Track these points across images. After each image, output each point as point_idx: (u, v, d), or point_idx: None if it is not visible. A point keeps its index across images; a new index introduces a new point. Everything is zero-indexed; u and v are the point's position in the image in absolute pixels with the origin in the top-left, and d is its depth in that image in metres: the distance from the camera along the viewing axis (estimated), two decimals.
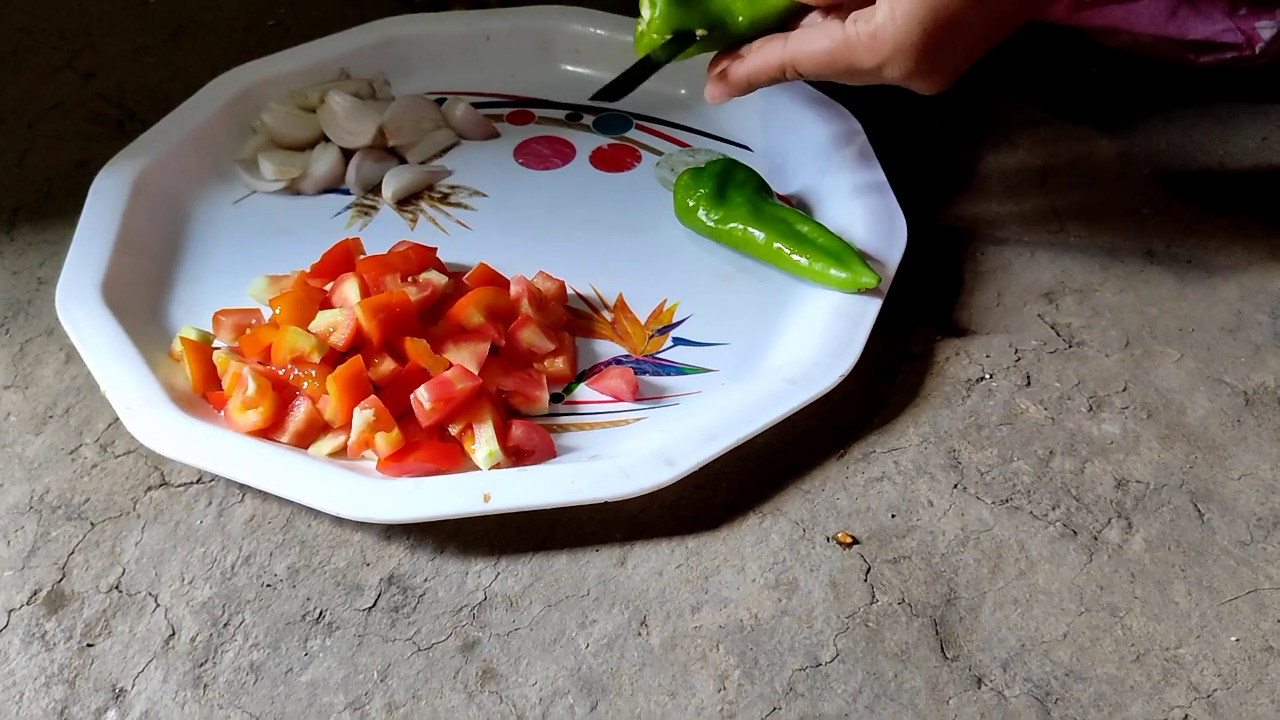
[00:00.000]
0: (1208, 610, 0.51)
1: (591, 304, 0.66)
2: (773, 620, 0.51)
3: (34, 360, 0.63)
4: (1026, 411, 0.60)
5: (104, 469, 0.57)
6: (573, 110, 0.81)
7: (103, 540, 0.54)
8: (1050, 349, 0.64)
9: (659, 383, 0.62)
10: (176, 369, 0.60)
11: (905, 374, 0.62)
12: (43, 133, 0.79)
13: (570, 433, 0.59)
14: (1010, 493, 0.56)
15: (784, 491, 0.56)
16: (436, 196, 0.74)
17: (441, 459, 0.55)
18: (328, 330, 0.59)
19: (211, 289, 0.66)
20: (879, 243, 0.66)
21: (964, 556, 0.54)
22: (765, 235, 0.66)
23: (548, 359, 0.61)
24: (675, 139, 0.79)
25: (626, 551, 0.54)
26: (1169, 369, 0.63)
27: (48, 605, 0.52)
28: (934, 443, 0.59)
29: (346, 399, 0.56)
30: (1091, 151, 0.78)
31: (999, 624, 0.51)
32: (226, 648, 0.50)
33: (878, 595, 0.52)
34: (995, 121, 0.81)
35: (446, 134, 0.78)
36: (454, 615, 0.51)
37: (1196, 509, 0.56)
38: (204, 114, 0.75)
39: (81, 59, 0.86)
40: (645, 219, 0.72)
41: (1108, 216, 0.73)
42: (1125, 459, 0.58)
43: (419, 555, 0.54)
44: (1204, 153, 0.78)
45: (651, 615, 0.51)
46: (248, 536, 0.54)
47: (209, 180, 0.74)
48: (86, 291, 0.62)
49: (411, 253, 0.64)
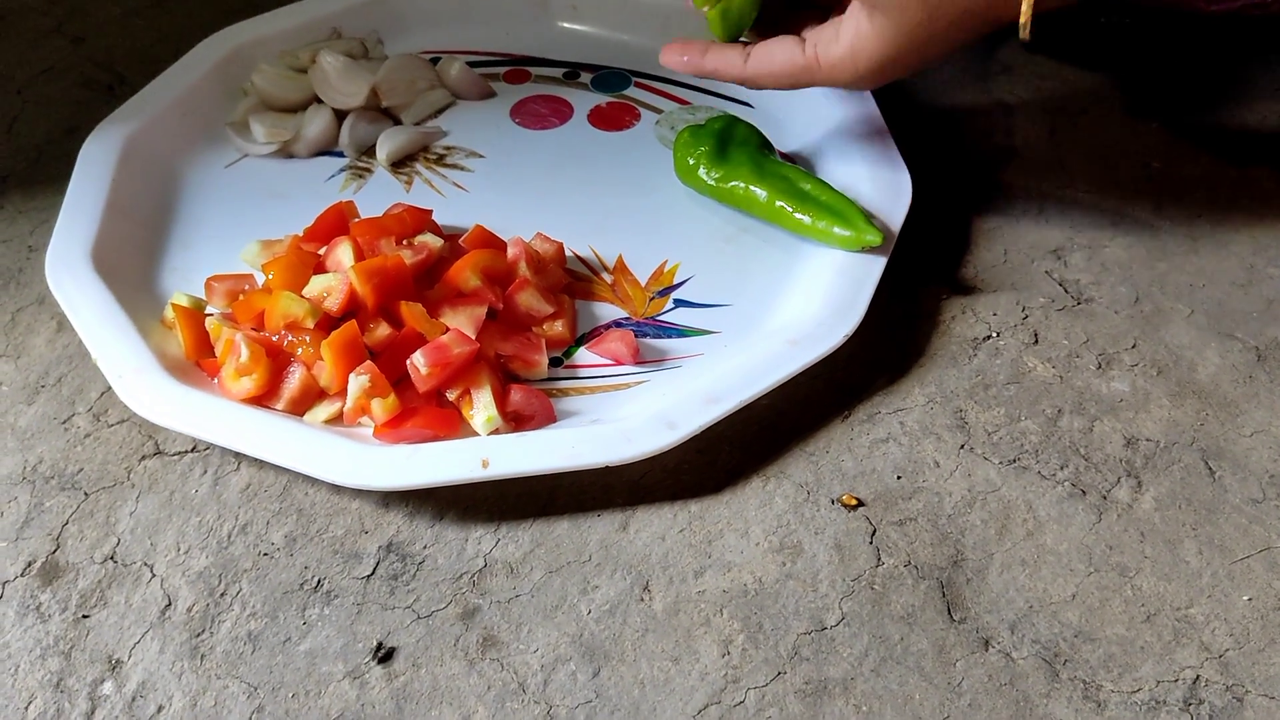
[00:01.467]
0: (1219, 569, 0.51)
1: (591, 266, 0.65)
2: (777, 584, 0.50)
3: (25, 329, 0.62)
4: (1034, 370, 0.59)
5: (97, 438, 0.57)
6: (570, 68, 0.80)
7: (97, 510, 0.54)
8: (1058, 306, 0.62)
9: (660, 345, 0.61)
10: (169, 336, 0.59)
11: (910, 333, 0.61)
12: (32, 99, 0.78)
13: (570, 397, 0.58)
14: (1018, 452, 0.55)
15: (788, 454, 0.56)
16: (432, 158, 0.73)
17: (439, 425, 0.54)
18: (321, 295, 0.58)
19: (203, 255, 0.65)
20: (883, 200, 0.64)
21: (971, 518, 0.53)
22: (767, 194, 0.64)
23: (546, 322, 0.60)
24: (675, 96, 0.77)
25: (628, 516, 0.53)
26: (1179, 325, 0.61)
27: (42, 577, 0.51)
28: (940, 403, 0.58)
29: (341, 365, 0.55)
30: (1100, 104, 0.76)
31: (1006, 585, 0.50)
32: (224, 617, 0.49)
33: (883, 558, 0.51)
34: (1002, 74, 0.79)
35: (441, 94, 0.77)
36: (454, 582, 0.51)
37: (1208, 467, 0.55)
38: (193, 76, 0.74)
39: (70, 24, 0.85)
40: (645, 179, 0.71)
41: (1117, 170, 0.71)
42: (1135, 417, 0.57)
43: (418, 522, 0.53)
44: (1216, 104, 0.76)
45: (654, 580, 0.50)
46: (244, 505, 0.54)
47: (199, 144, 0.72)
48: (76, 259, 0.60)
49: (406, 215, 0.63)
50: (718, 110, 0.74)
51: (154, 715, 0.46)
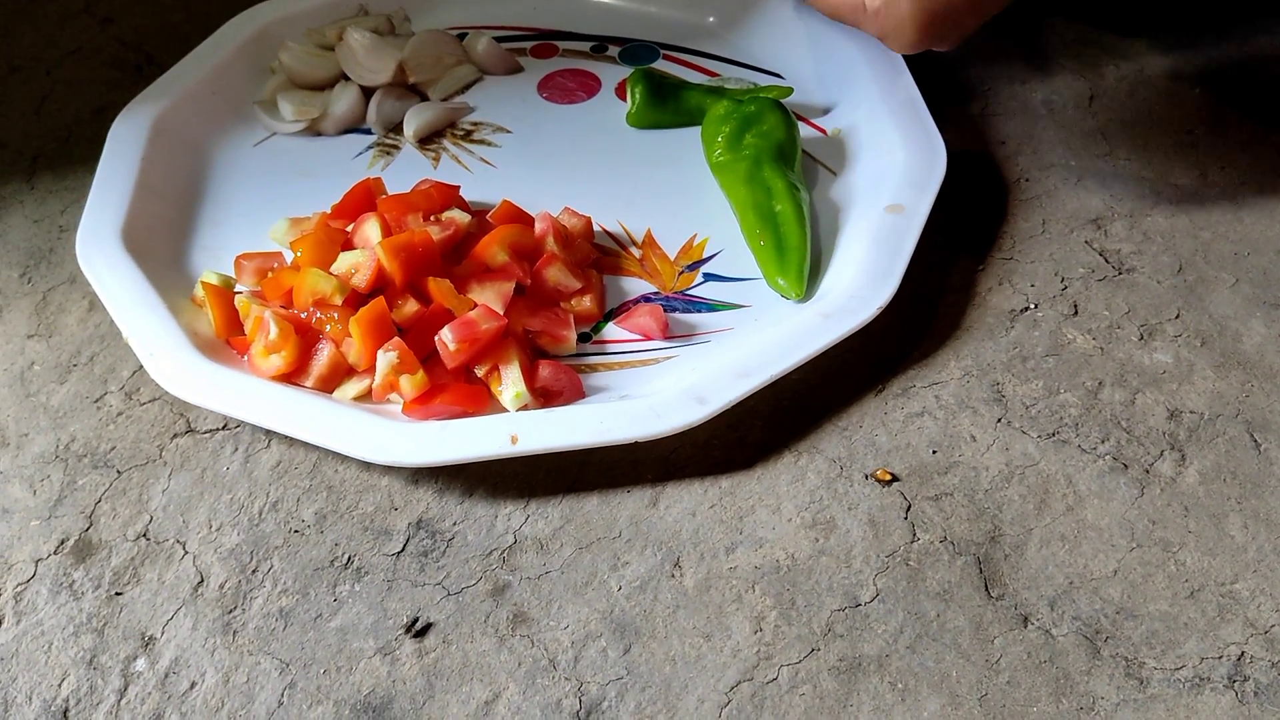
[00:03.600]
0: (1265, 544, 0.49)
1: (619, 240, 0.65)
2: (810, 560, 0.50)
3: (57, 309, 0.62)
4: (1074, 342, 0.58)
5: (129, 417, 0.57)
6: (598, 42, 0.79)
7: (129, 488, 0.54)
8: (1098, 277, 0.61)
9: (689, 320, 0.60)
10: (199, 314, 0.59)
11: (946, 305, 0.60)
12: (61, 79, 0.78)
13: (599, 373, 0.57)
14: (1057, 426, 0.54)
15: (820, 429, 0.55)
16: (459, 134, 0.72)
17: (468, 401, 0.54)
18: (349, 272, 0.57)
19: (233, 233, 0.65)
20: (918, 170, 0.63)
21: (1008, 493, 0.52)
22: (743, 198, 0.63)
23: (575, 298, 0.60)
24: (704, 69, 0.76)
25: (658, 492, 0.53)
26: (1223, 295, 0.60)
27: (75, 554, 0.51)
28: (976, 376, 0.57)
29: (370, 341, 0.55)
30: (1140, 70, 0.74)
31: (1046, 561, 0.49)
32: (255, 594, 0.49)
33: (919, 533, 0.50)
34: (1040, 40, 0.77)
35: (468, 69, 0.76)
36: (484, 559, 0.50)
37: (1253, 439, 0.53)
38: (221, 55, 0.73)
39: (99, 4, 0.85)
40: (674, 152, 0.70)
41: (1158, 137, 0.69)
42: (1178, 389, 0.55)
43: (447, 499, 0.53)
44: (1259, 68, 0.74)
45: (685, 556, 0.50)
46: (274, 482, 0.54)
47: (228, 123, 0.72)
48: (107, 238, 0.61)
49: (434, 191, 0.63)
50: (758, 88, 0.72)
51: (186, 692, 0.46)
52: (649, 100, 0.70)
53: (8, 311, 0.62)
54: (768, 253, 0.61)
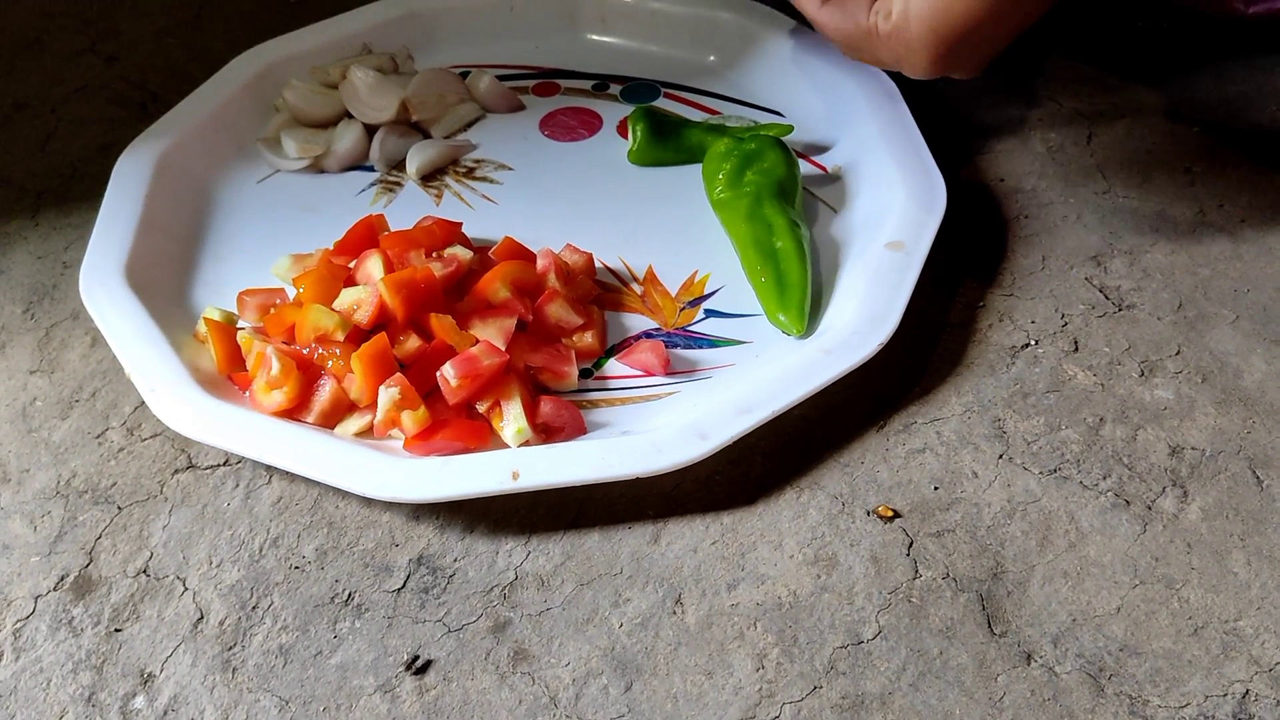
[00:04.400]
0: (1268, 580, 0.49)
1: (620, 277, 0.65)
2: (812, 597, 0.49)
3: (60, 344, 0.62)
4: (1074, 378, 0.58)
5: (131, 452, 0.57)
6: (599, 80, 0.79)
7: (130, 524, 0.54)
8: (1099, 313, 0.61)
9: (691, 356, 0.60)
10: (201, 350, 0.59)
11: (946, 341, 0.60)
12: (66, 117, 0.79)
13: (600, 408, 0.57)
14: (1059, 462, 0.54)
15: (822, 465, 0.55)
16: (461, 171, 0.73)
17: (469, 437, 0.54)
18: (351, 308, 0.58)
19: (235, 269, 0.65)
20: (918, 206, 0.63)
21: (1011, 529, 0.52)
22: (744, 234, 0.63)
23: (576, 333, 0.60)
24: (705, 107, 0.77)
25: (660, 528, 0.52)
26: (1224, 331, 0.60)
27: (75, 590, 0.51)
28: (977, 412, 0.57)
29: (371, 377, 0.55)
30: (1138, 108, 0.75)
31: (1049, 598, 0.49)
32: (255, 631, 0.49)
33: (921, 570, 0.50)
34: (1038, 78, 0.78)
35: (471, 107, 0.77)
36: (484, 595, 0.50)
37: (1255, 476, 0.53)
38: (226, 93, 0.74)
39: (104, 43, 0.85)
40: (675, 189, 0.70)
41: (1156, 175, 0.70)
42: (1179, 425, 0.56)
43: (448, 535, 0.52)
44: (1255, 108, 0.75)
45: (686, 593, 0.50)
46: (275, 518, 0.53)
47: (232, 160, 0.73)
48: (110, 274, 0.61)
49: (436, 228, 0.63)
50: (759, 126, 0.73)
51: None
52: (650, 138, 0.71)
53: (10, 347, 0.62)
54: (769, 289, 0.61)
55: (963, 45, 0.54)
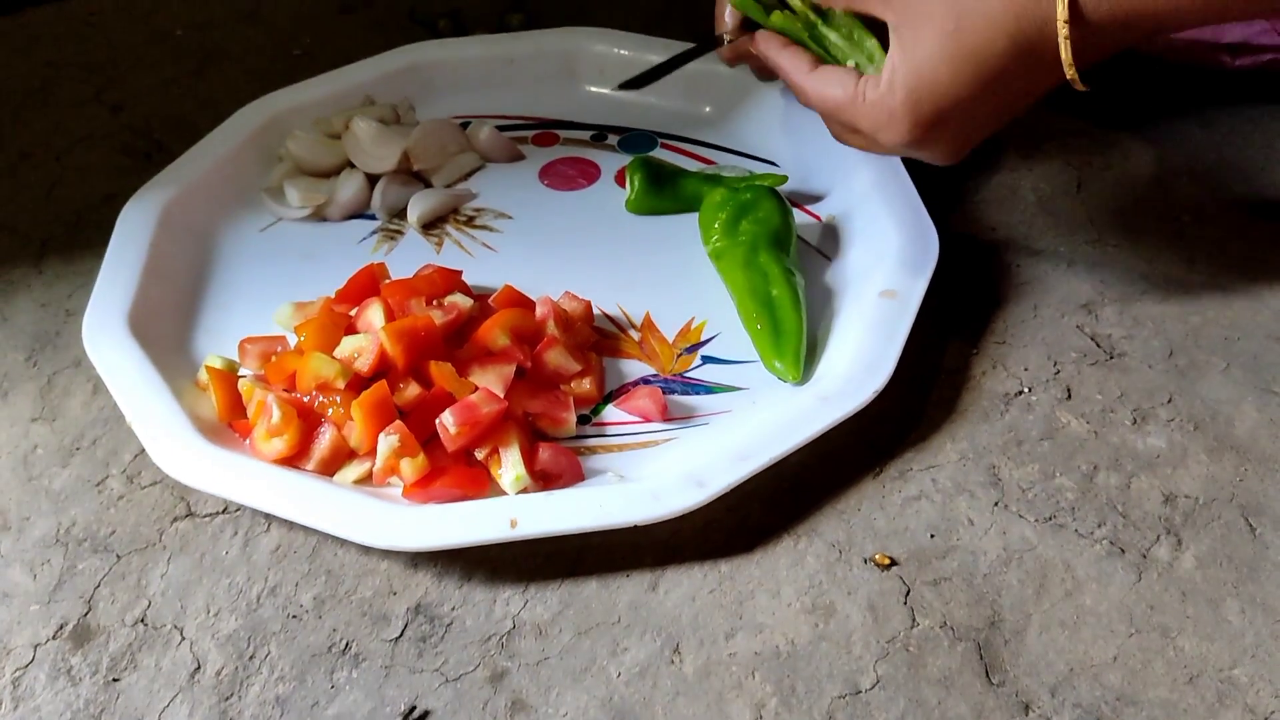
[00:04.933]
0: (1263, 629, 0.49)
1: (618, 323, 0.66)
2: (810, 646, 0.49)
3: (62, 392, 0.63)
4: (1068, 425, 0.59)
5: (130, 500, 0.57)
6: (598, 131, 0.81)
7: (129, 573, 0.54)
8: (1090, 361, 0.62)
9: (688, 402, 0.61)
10: (202, 398, 0.60)
11: (941, 389, 0.61)
12: (71, 166, 0.80)
13: (598, 455, 0.58)
14: (1054, 510, 0.55)
15: (819, 512, 0.55)
16: (462, 219, 0.74)
17: (468, 484, 0.54)
18: (352, 356, 0.58)
19: (238, 317, 0.66)
20: (911, 255, 0.64)
21: (1007, 577, 0.52)
22: (740, 282, 0.64)
23: (575, 380, 0.60)
24: (701, 157, 0.78)
25: (658, 576, 0.53)
26: (1215, 379, 0.61)
27: (74, 639, 0.51)
28: (972, 459, 0.57)
29: (371, 425, 0.55)
30: (1127, 159, 0.76)
31: (1046, 647, 0.49)
32: (252, 681, 0.49)
33: (918, 618, 0.50)
34: (1027, 129, 0.79)
35: (471, 157, 0.78)
36: (482, 644, 0.50)
37: (1248, 524, 0.54)
38: (230, 143, 0.75)
39: (109, 92, 0.87)
40: (672, 237, 0.71)
41: (1146, 224, 0.71)
42: (1173, 473, 0.56)
43: (446, 583, 0.53)
44: (1244, 158, 0.76)
45: (685, 642, 0.50)
46: (273, 566, 0.54)
47: (235, 209, 0.74)
48: (113, 322, 0.61)
49: (436, 276, 0.64)
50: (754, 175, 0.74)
51: None
52: (647, 187, 0.72)
53: (13, 394, 0.63)
54: (765, 336, 0.62)
55: (943, 120, 0.54)
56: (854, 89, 0.56)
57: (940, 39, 0.52)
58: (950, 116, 0.54)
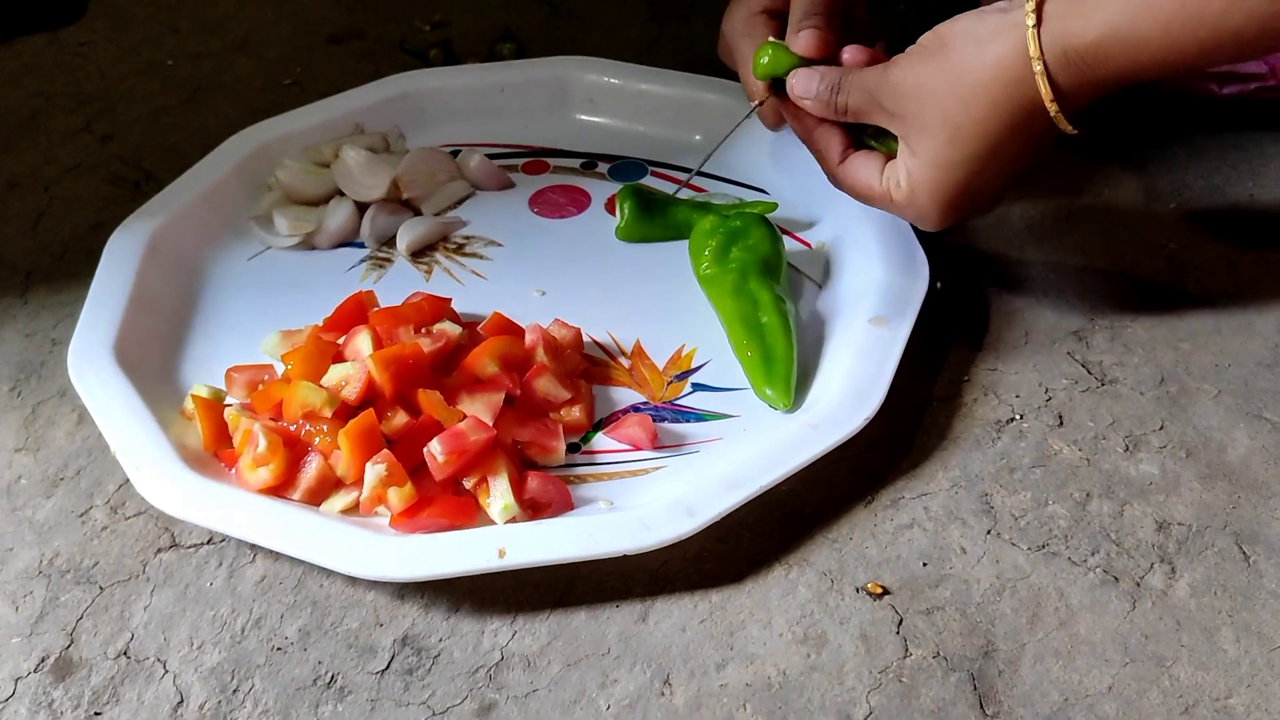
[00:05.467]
0: (1258, 657, 0.49)
1: (608, 351, 0.65)
2: (802, 677, 0.49)
3: (46, 422, 0.62)
4: (1060, 453, 0.58)
5: (114, 531, 0.56)
6: (588, 159, 0.81)
7: (112, 604, 0.53)
8: (1082, 388, 0.62)
9: (678, 430, 0.60)
10: (188, 428, 0.59)
11: (932, 416, 0.61)
12: (59, 195, 0.79)
13: (588, 483, 0.57)
14: (1047, 538, 0.54)
15: (810, 541, 0.55)
16: (451, 247, 0.73)
17: (456, 514, 0.54)
18: (340, 384, 0.58)
19: (224, 346, 0.65)
20: (901, 282, 0.64)
21: (1001, 606, 0.51)
22: (730, 309, 0.64)
23: (564, 408, 0.60)
24: (691, 184, 0.78)
25: (648, 607, 0.52)
26: (1207, 406, 0.60)
27: (55, 672, 0.50)
28: (965, 487, 0.57)
29: (358, 454, 0.55)
30: (1115, 187, 0.76)
31: (1040, 677, 0.48)
32: (236, 715, 0.48)
33: (911, 648, 0.50)
34: None
35: (461, 185, 0.78)
36: (470, 676, 0.49)
37: (1242, 551, 0.53)
38: (219, 172, 0.75)
39: (99, 122, 0.87)
40: (662, 264, 0.71)
41: (1135, 252, 0.71)
42: (1165, 500, 0.56)
43: (433, 614, 0.52)
44: (1231, 185, 0.76)
45: (675, 673, 0.49)
46: (259, 598, 0.53)
47: (223, 238, 0.73)
48: (98, 352, 0.61)
49: (425, 304, 0.64)
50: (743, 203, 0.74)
51: None
52: (638, 215, 0.72)
53: None
54: (755, 363, 0.62)
55: (968, 201, 0.58)
56: (881, 185, 0.60)
57: (942, 148, 0.56)
58: (974, 193, 0.58)
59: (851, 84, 0.60)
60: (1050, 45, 0.52)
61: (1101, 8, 0.51)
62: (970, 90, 0.55)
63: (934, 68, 0.56)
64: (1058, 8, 0.52)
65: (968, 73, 0.55)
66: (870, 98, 0.59)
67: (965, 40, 0.55)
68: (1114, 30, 0.50)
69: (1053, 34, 0.52)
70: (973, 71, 0.54)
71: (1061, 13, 0.52)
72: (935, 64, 0.56)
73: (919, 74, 0.56)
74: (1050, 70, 0.52)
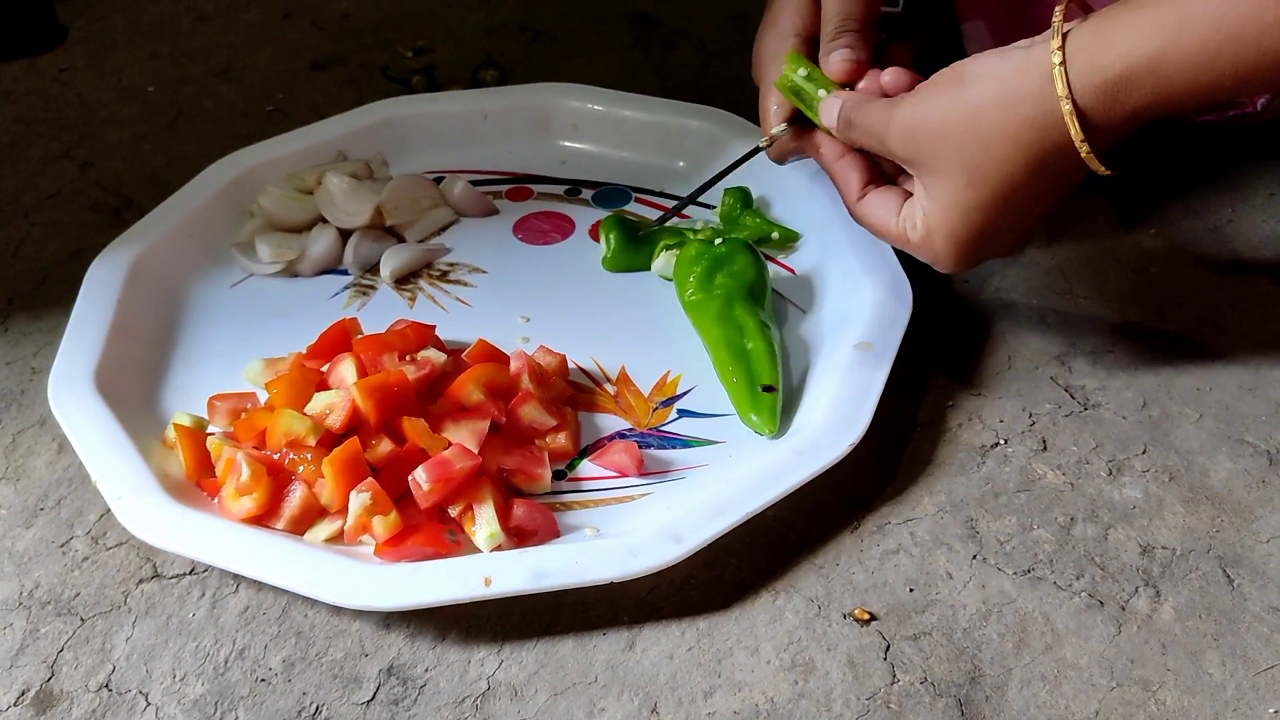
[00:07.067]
0: (1243, 681, 0.49)
1: (594, 377, 0.65)
2: (789, 704, 0.49)
3: (26, 451, 0.62)
4: (1044, 477, 0.59)
5: (95, 562, 0.56)
6: (571, 185, 0.81)
7: (93, 636, 0.52)
8: (1065, 412, 0.62)
9: (664, 456, 0.60)
10: (170, 456, 0.59)
11: (917, 441, 0.61)
12: (39, 222, 0.79)
13: (574, 510, 0.57)
14: (1032, 562, 0.54)
15: (797, 567, 0.54)
16: (435, 274, 0.73)
17: (441, 542, 0.54)
18: (324, 412, 0.57)
19: (207, 374, 0.65)
20: (885, 307, 0.65)
21: (987, 631, 0.51)
22: (715, 334, 0.64)
23: (550, 435, 0.60)
24: (681, 214, 0.78)
25: (635, 634, 0.52)
26: (1189, 429, 0.61)
27: (36, 706, 0.49)
28: (950, 512, 0.57)
29: (343, 482, 0.54)
30: (1095, 212, 0.77)
31: (1027, 702, 0.48)
32: None
33: (898, 674, 0.50)
34: None
35: (445, 212, 0.78)
36: (456, 707, 0.49)
37: (1226, 574, 0.54)
38: (200, 199, 0.74)
39: (79, 148, 0.86)
40: (646, 291, 0.71)
41: (1116, 277, 0.72)
42: (1149, 524, 0.56)
43: (419, 643, 0.52)
44: (1211, 210, 0.77)
45: (662, 702, 0.49)
46: (242, 629, 0.52)
47: (205, 265, 0.73)
48: (79, 380, 0.60)
49: (409, 331, 0.63)
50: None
51: None
52: (623, 245, 0.72)
53: None
54: (740, 389, 0.62)
55: (987, 245, 0.57)
56: (898, 226, 0.59)
57: (960, 191, 0.54)
58: (993, 237, 0.56)
59: (857, 120, 0.59)
60: (1078, 81, 0.50)
61: (1130, 36, 0.49)
62: (992, 131, 0.52)
63: (949, 107, 0.54)
64: (1083, 42, 0.50)
65: (988, 112, 0.52)
66: (877, 139, 0.57)
67: (986, 80, 0.53)
68: (1145, 58, 0.48)
69: (1079, 70, 0.50)
70: (994, 112, 0.52)
71: (1088, 47, 0.50)
72: (950, 103, 0.54)
73: (932, 113, 0.55)
74: (1080, 108, 0.50)
